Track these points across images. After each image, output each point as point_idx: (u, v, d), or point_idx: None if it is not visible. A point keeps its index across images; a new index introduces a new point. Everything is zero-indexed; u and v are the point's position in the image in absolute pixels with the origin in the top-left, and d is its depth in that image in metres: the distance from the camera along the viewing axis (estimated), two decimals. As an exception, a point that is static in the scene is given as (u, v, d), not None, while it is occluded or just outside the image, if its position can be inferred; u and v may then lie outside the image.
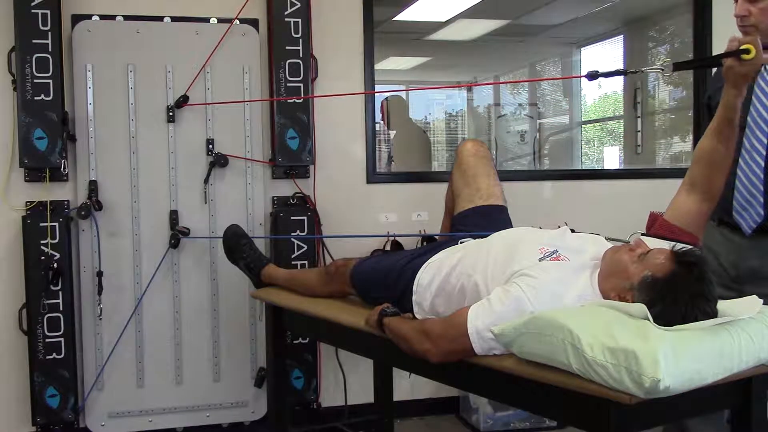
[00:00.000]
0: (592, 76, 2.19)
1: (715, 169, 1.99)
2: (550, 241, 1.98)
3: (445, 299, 2.12)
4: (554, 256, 1.90)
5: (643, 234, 2.01)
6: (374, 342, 2.17)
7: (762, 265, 2.31)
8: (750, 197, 2.29)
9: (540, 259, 1.89)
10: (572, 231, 2.14)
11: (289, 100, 3.35)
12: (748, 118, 2.30)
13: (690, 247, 1.83)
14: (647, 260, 1.76)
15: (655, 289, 1.69)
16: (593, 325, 1.58)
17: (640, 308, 1.62)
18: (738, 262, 2.36)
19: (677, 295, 1.66)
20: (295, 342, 3.40)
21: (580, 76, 2.15)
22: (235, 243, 2.93)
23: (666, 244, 1.83)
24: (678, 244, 1.83)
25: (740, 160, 2.31)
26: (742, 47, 1.84)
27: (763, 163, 2.27)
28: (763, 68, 2.30)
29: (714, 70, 2.62)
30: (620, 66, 5.85)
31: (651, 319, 1.58)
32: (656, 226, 2.03)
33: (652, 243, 1.87)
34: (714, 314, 1.67)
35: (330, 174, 3.53)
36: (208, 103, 3.30)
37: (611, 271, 1.82)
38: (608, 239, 2.03)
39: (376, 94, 3.69)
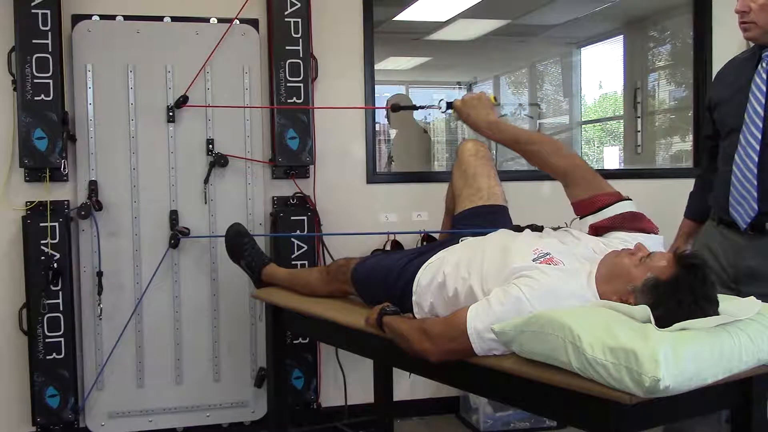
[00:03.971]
0: (395, 108, 2.85)
1: (537, 160, 2.21)
2: (542, 244, 1.99)
3: (443, 301, 2.12)
4: (548, 257, 1.90)
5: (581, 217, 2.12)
6: (374, 342, 2.17)
7: (760, 265, 2.32)
8: (745, 192, 2.32)
9: (534, 260, 1.89)
10: (554, 229, 2.14)
11: (288, 100, 3.35)
12: (745, 116, 2.32)
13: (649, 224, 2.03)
14: (649, 263, 1.76)
15: (658, 291, 1.69)
16: (594, 324, 1.58)
17: (643, 310, 1.62)
18: (737, 261, 2.37)
19: (681, 298, 1.66)
20: (295, 342, 3.41)
21: (383, 107, 3.09)
22: (237, 242, 2.93)
23: (594, 217, 2.04)
24: (608, 209, 2.03)
25: (736, 156, 2.34)
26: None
27: (757, 159, 2.29)
28: (760, 66, 2.32)
29: (714, 73, 2.70)
30: (620, 66, 5.86)
31: (653, 321, 1.58)
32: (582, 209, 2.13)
33: (590, 220, 2.07)
34: (716, 315, 1.67)
35: (330, 174, 3.53)
36: (208, 106, 3.30)
37: (613, 275, 1.82)
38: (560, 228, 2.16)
39: (376, 94, 3.68)
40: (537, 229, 2.20)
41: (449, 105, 2.53)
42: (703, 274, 1.70)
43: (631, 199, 2.10)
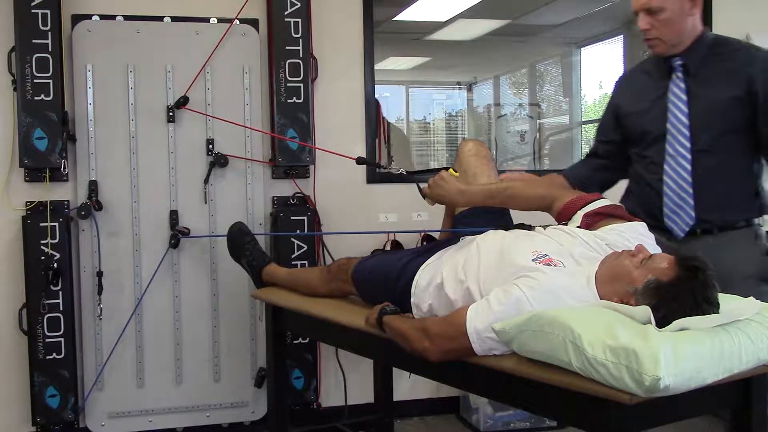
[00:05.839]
0: (359, 161, 3.10)
1: (518, 199, 2.27)
2: (540, 245, 1.98)
3: (442, 302, 2.11)
4: (547, 258, 1.90)
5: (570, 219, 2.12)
6: (374, 342, 2.17)
7: None
8: (680, 201, 2.31)
9: (533, 260, 1.89)
10: (543, 227, 2.14)
11: (289, 101, 3.35)
12: (668, 125, 2.32)
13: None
14: (651, 265, 1.76)
15: (659, 293, 1.69)
16: (595, 324, 1.58)
17: (644, 311, 1.62)
18: None
19: (682, 299, 1.66)
20: (295, 342, 3.40)
21: (351, 157, 3.08)
22: (239, 240, 2.94)
23: (583, 211, 2.06)
24: (596, 202, 2.07)
25: (665, 166, 2.32)
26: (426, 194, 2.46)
27: (690, 168, 2.28)
28: (674, 75, 2.32)
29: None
30: (620, 66, 5.85)
31: (654, 322, 1.58)
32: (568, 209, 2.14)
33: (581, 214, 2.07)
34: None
35: (330, 174, 3.53)
36: (208, 115, 3.30)
37: (614, 276, 1.81)
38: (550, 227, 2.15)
39: (376, 94, 3.69)
40: (526, 228, 2.19)
41: (414, 176, 2.73)
42: (704, 276, 1.69)
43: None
